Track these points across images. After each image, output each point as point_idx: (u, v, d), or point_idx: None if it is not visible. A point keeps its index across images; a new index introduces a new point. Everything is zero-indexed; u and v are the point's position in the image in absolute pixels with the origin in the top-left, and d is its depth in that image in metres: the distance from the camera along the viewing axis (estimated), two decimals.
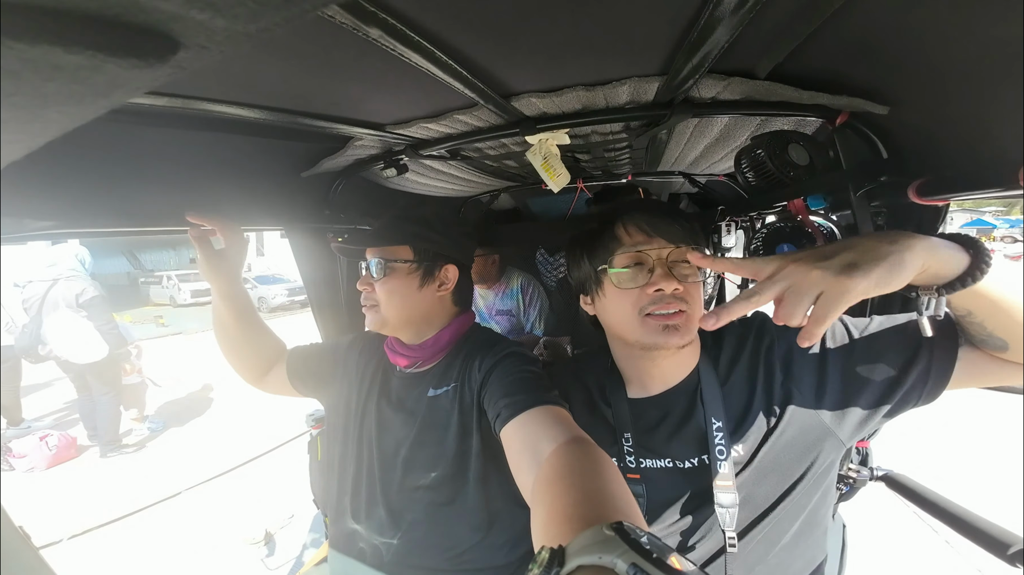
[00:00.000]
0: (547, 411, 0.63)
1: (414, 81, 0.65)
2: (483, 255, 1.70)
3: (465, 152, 1.10)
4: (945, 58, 0.49)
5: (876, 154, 0.73)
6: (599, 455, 0.51)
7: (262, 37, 0.17)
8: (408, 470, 0.81)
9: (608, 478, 0.46)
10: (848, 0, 0.44)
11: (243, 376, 1.00)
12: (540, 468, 0.52)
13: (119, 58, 0.16)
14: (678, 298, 0.65)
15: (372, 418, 0.86)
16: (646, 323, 0.66)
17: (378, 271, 0.81)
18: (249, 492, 3.09)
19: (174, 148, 0.78)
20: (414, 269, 0.82)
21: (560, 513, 0.41)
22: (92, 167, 0.71)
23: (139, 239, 19.55)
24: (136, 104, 0.60)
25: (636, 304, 0.67)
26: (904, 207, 0.74)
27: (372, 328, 0.86)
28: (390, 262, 0.81)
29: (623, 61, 0.63)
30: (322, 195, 1.21)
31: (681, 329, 0.65)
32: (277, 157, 0.97)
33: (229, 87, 0.61)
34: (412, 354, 0.85)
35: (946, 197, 0.59)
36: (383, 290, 0.82)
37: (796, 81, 0.65)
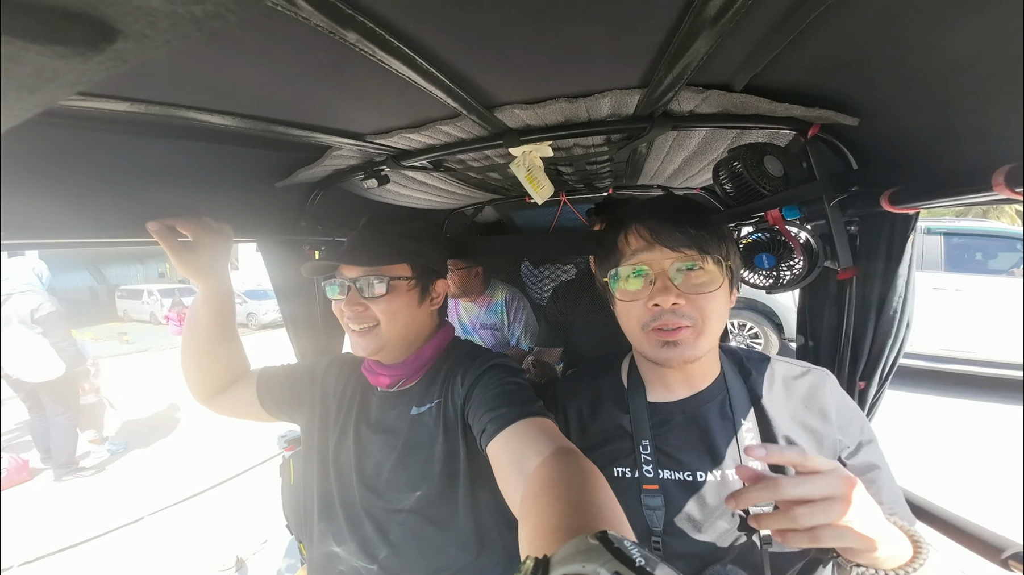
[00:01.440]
0: (532, 424, 0.62)
1: (395, 90, 0.63)
2: (466, 268, 1.68)
3: (448, 163, 1.09)
4: (915, 69, 0.51)
5: (847, 165, 0.75)
6: (586, 465, 0.50)
7: (215, 25, 0.15)
8: (391, 492, 0.77)
9: (595, 488, 0.45)
10: (820, 14, 0.45)
11: (196, 390, 0.90)
12: (526, 482, 0.51)
13: (42, 45, 0.14)
14: (680, 314, 0.61)
15: (350, 441, 0.82)
16: (649, 337, 0.63)
17: (378, 289, 0.77)
18: (219, 517, 2.92)
19: (140, 157, 0.74)
20: (413, 286, 0.80)
21: (546, 525, 0.41)
22: (52, 176, 0.66)
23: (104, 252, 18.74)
24: (97, 109, 0.56)
25: (639, 318, 0.64)
26: (876, 216, 0.76)
27: (366, 353, 0.80)
28: (394, 279, 0.78)
29: (605, 73, 0.63)
30: (298, 206, 1.17)
31: (682, 345, 0.61)
32: (250, 167, 0.93)
33: (199, 93, 0.58)
34: (395, 373, 0.82)
35: (917, 205, 0.61)
36: (386, 310, 0.77)
37: (771, 94, 0.66)
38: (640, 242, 0.64)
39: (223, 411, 0.93)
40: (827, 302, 0.89)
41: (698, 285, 0.61)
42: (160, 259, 25.23)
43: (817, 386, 0.66)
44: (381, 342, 0.78)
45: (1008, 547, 0.63)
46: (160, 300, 13.62)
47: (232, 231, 0.88)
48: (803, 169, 0.78)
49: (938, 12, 0.41)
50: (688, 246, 0.61)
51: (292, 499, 1.15)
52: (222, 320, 0.87)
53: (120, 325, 13.15)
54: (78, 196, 0.72)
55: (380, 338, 0.78)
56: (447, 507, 0.76)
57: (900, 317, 0.77)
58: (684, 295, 0.61)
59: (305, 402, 0.91)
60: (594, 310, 1.62)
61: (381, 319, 0.77)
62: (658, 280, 0.62)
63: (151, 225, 0.78)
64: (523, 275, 2.39)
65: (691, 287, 0.61)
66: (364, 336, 0.78)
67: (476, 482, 0.75)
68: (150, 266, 24.87)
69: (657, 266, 0.62)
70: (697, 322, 0.61)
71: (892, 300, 0.77)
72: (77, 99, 0.52)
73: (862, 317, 0.81)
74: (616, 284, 0.66)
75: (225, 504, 3.09)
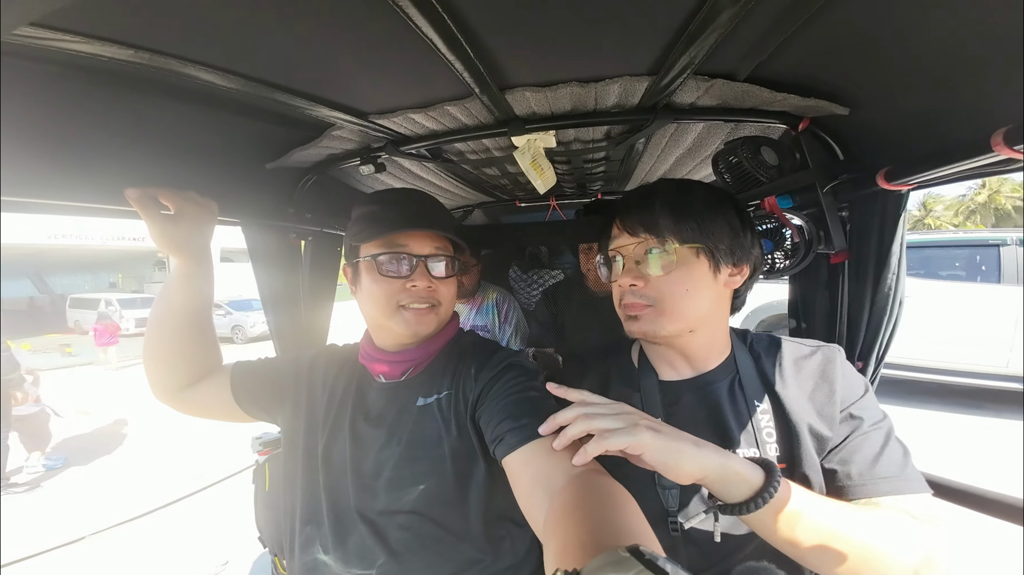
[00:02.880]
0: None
1: (409, 62, 0.62)
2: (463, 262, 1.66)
3: (446, 153, 1.08)
4: (905, 54, 0.55)
5: (834, 156, 0.81)
6: (615, 487, 0.49)
7: None
8: (391, 491, 0.71)
9: (625, 510, 0.45)
10: (827, 3, 0.47)
11: (159, 384, 0.81)
12: (553, 501, 0.49)
13: None
14: (638, 294, 0.66)
15: (345, 438, 0.76)
16: (621, 314, 0.70)
17: (445, 267, 0.75)
18: (171, 537, 2.66)
19: (124, 114, 0.68)
20: (456, 269, 0.79)
21: (575, 543, 0.40)
22: (17, 124, 0.59)
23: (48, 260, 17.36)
24: (76, 52, 0.51)
25: (616, 298, 0.70)
26: (866, 199, 0.81)
27: (425, 332, 0.74)
28: (455, 258, 0.76)
29: (617, 58, 0.65)
30: (287, 191, 1.12)
31: (641, 319, 0.66)
32: (242, 142, 0.89)
33: (196, 42, 0.54)
34: (402, 359, 0.76)
35: (915, 179, 0.65)
36: (449, 289, 0.76)
37: (771, 84, 0.70)
38: (615, 230, 0.70)
39: (190, 409, 0.84)
40: (819, 286, 0.93)
41: (658, 268, 0.65)
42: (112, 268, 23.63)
43: (827, 363, 0.67)
44: (439, 322, 0.76)
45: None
46: (120, 311, 12.62)
47: (217, 209, 0.83)
48: (795, 159, 0.82)
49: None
50: (646, 232, 0.65)
51: (267, 508, 1.05)
52: (198, 304, 0.79)
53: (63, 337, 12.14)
54: (49, 151, 0.65)
55: (439, 319, 0.75)
56: (455, 508, 0.70)
57: (894, 295, 0.81)
58: (642, 277, 0.65)
59: (288, 398, 0.83)
60: (584, 311, 1.63)
61: (443, 299, 0.75)
62: (626, 263, 0.68)
63: (130, 192, 0.72)
64: (511, 280, 2.38)
65: (652, 269, 0.65)
66: (424, 315, 0.73)
67: (488, 480, 0.71)
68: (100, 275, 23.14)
69: (626, 251, 0.68)
70: (657, 302, 0.65)
71: (887, 278, 0.80)
72: (52, 34, 0.47)
73: (857, 297, 0.85)
74: (603, 269, 0.74)
75: (179, 524, 2.83)
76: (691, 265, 0.64)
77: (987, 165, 0.54)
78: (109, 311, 12.60)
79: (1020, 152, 0.47)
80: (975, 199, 26.15)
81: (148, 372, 0.81)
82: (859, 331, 0.87)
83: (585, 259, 1.58)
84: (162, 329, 0.79)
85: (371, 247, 0.73)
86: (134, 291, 18.64)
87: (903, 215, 0.77)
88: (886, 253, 0.81)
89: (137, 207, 0.72)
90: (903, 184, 0.69)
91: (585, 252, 1.58)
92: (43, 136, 0.63)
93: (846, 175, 0.79)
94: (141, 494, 3.20)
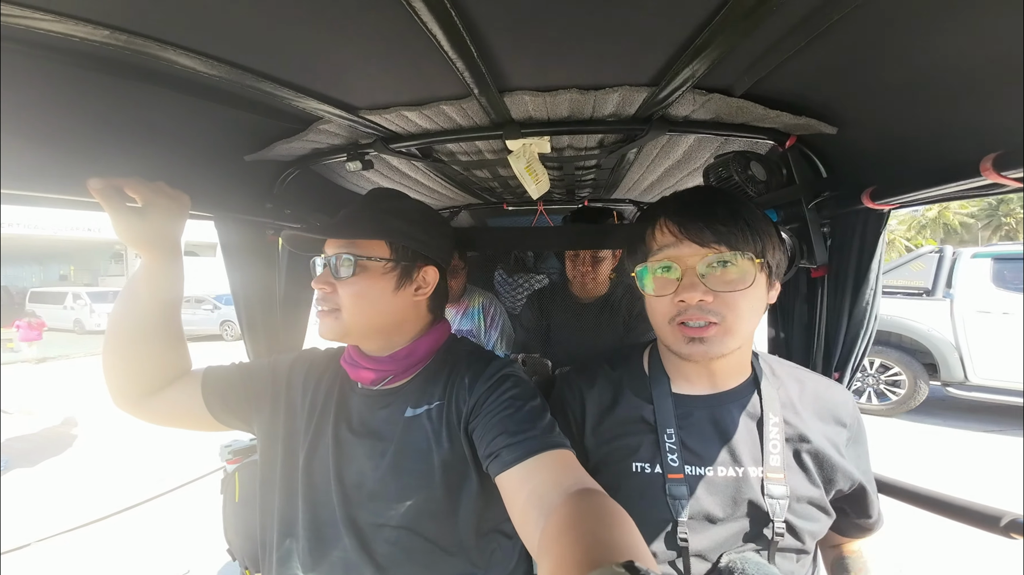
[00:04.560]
0: (555, 457, 0.58)
1: (406, 60, 0.60)
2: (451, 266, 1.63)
3: (437, 153, 1.05)
4: (894, 79, 0.57)
5: (818, 173, 0.84)
6: (612, 505, 0.48)
7: None
8: (378, 503, 0.68)
9: (622, 528, 0.44)
10: (828, 26, 0.49)
11: (121, 391, 0.75)
12: (548, 520, 0.48)
13: None
14: (706, 309, 0.60)
15: (328, 447, 0.72)
16: (675, 332, 0.62)
17: (346, 268, 0.70)
18: (126, 545, 2.50)
19: (89, 98, 0.63)
20: (390, 268, 0.71)
21: (570, 561, 0.39)
22: None
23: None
24: (36, 30, 0.47)
25: (666, 312, 0.63)
26: (848, 217, 0.84)
27: (328, 337, 0.73)
28: (362, 259, 0.70)
29: (619, 67, 0.65)
30: (266, 185, 1.07)
31: (708, 342, 0.60)
32: (219, 132, 0.83)
33: (174, 24, 0.50)
34: (381, 367, 0.73)
35: (900, 199, 0.68)
36: (350, 292, 0.70)
37: (765, 101, 0.71)
38: (668, 237, 0.63)
39: (155, 418, 0.78)
40: (799, 299, 0.96)
41: (727, 282, 0.60)
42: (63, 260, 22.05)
43: (841, 403, 0.70)
44: (342, 328, 0.71)
45: (1005, 515, 0.68)
46: (91, 305, 11.62)
47: (190, 202, 0.77)
48: (782, 175, 0.85)
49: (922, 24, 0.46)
50: (717, 242, 0.60)
51: (238, 519, 0.99)
52: (166, 303, 0.74)
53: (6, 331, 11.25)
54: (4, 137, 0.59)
55: (341, 323, 0.71)
56: (446, 522, 0.68)
57: (871, 309, 0.85)
58: (712, 292, 0.59)
59: (265, 405, 0.78)
60: (570, 316, 1.63)
61: (344, 302, 0.70)
62: (685, 276, 0.61)
63: (93, 183, 0.65)
64: (496, 284, 2.36)
65: (720, 284, 0.60)
66: (323, 318, 0.72)
67: (480, 493, 0.69)
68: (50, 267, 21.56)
69: (684, 262, 0.61)
70: (725, 319, 0.60)
71: (865, 293, 0.84)
72: (21, 11, 0.43)
73: (836, 311, 0.88)
74: (645, 279, 0.65)
75: (134, 532, 2.66)
76: (758, 281, 0.61)
77: (972, 188, 0.56)
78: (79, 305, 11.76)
79: (1009, 178, 0.49)
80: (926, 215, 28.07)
81: (108, 377, 0.74)
82: (837, 343, 0.90)
83: (571, 265, 1.57)
84: (125, 331, 0.73)
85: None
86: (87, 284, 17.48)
87: (883, 233, 0.80)
88: (865, 269, 0.84)
89: (100, 199, 0.66)
90: (887, 204, 0.72)
91: (571, 258, 1.57)
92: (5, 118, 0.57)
93: (829, 192, 0.82)
94: (93, 499, 2.99)
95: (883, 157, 0.73)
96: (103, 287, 13.06)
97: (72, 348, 9.21)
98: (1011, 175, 0.49)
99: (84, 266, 21.59)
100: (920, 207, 4.40)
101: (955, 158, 0.56)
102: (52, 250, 20.12)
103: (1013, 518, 0.66)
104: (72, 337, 11.07)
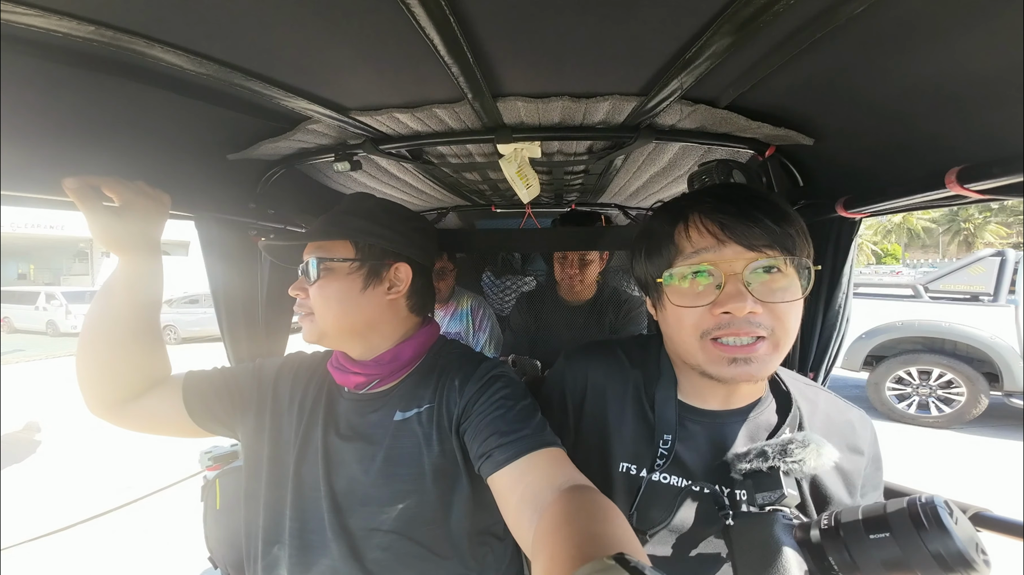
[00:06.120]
0: (547, 455, 0.58)
1: (401, 62, 0.60)
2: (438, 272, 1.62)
3: (427, 155, 1.05)
4: (871, 94, 0.60)
5: (795, 183, 0.88)
6: (604, 502, 0.49)
7: None
8: (368, 508, 0.68)
9: (614, 523, 0.45)
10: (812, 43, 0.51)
11: (96, 396, 0.72)
12: (541, 517, 0.49)
13: None
14: (755, 323, 0.51)
15: (317, 452, 0.71)
16: (709, 351, 0.53)
17: (314, 272, 0.69)
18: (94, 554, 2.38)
19: (64, 94, 0.60)
20: (355, 268, 0.70)
21: (563, 556, 0.40)
22: None
23: None
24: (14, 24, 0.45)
25: (698, 326, 0.53)
26: (823, 224, 0.88)
27: (308, 340, 0.73)
28: (325, 261, 0.70)
29: (611, 77, 0.66)
30: (249, 184, 1.04)
31: (755, 363, 0.51)
32: (202, 129, 0.81)
33: (157, 17, 0.48)
34: (367, 371, 0.72)
35: (872, 208, 0.72)
36: (318, 295, 0.69)
37: (748, 112, 0.74)
38: (707, 238, 0.53)
39: (134, 424, 0.75)
40: None
41: (776, 291, 0.52)
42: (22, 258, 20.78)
43: (859, 428, 0.63)
44: (318, 331, 0.71)
45: (969, 509, 0.72)
46: (67, 306, 10.90)
47: (170, 201, 0.75)
48: (762, 183, 0.88)
49: (896, 45, 0.49)
50: (769, 244, 0.51)
51: (219, 527, 0.97)
52: (144, 307, 0.71)
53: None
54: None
55: (316, 327, 0.71)
56: (438, 526, 0.68)
57: (843, 312, 0.89)
58: (761, 302, 0.51)
59: (251, 411, 0.77)
60: (558, 318, 1.64)
61: (315, 305, 0.70)
62: (728, 283, 0.51)
63: (69, 182, 0.63)
64: (484, 286, 2.36)
65: (768, 293, 0.51)
66: (303, 322, 0.73)
67: (472, 496, 0.69)
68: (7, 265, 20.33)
69: (728, 267, 0.52)
70: (774, 333, 0.52)
71: (838, 297, 0.88)
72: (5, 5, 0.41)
73: (810, 314, 0.92)
74: (671, 287, 0.56)
75: (102, 541, 2.54)
76: (804, 291, 0.53)
77: (938, 199, 0.60)
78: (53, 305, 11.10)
79: (971, 190, 0.52)
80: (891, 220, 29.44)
81: (82, 383, 0.71)
82: (811, 345, 0.94)
83: (559, 268, 1.59)
84: (100, 334, 0.70)
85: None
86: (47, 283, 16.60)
87: (855, 240, 0.84)
88: (838, 274, 0.88)
89: (75, 199, 0.64)
90: (859, 212, 0.75)
91: (559, 261, 1.59)
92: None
93: (805, 200, 0.85)
94: (58, 507, 2.84)
95: (856, 168, 0.77)
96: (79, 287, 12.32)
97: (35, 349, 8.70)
98: (973, 187, 0.52)
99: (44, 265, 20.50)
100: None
101: (922, 170, 0.60)
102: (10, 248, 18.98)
103: (978, 511, 0.70)
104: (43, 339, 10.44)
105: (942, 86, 0.52)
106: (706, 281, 0.53)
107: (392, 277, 0.73)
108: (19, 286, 13.32)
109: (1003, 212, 26.79)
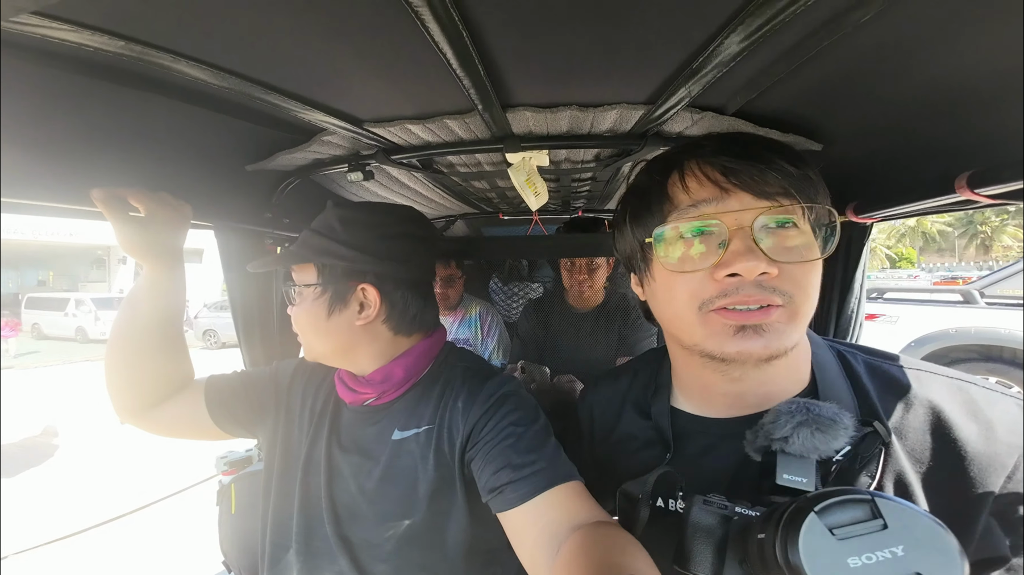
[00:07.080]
0: (563, 492, 0.55)
1: (413, 75, 0.62)
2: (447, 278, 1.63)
3: (437, 165, 1.07)
4: (881, 99, 0.60)
5: None
6: (622, 534, 0.46)
7: None
8: (365, 524, 0.68)
9: (635, 556, 0.43)
10: (820, 50, 0.51)
11: (123, 403, 0.74)
12: (559, 551, 0.48)
13: None
14: (768, 287, 0.41)
15: (320, 461, 0.72)
16: (710, 322, 0.43)
17: (290, 297, 0.72)
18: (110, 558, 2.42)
19: (94, 107, 0.63)
20: (320, 293, 0.67)
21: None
22: None
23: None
24: (48, 38, 0.47)
25: (696, 294, 0.43)
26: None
27: (307, 359, 0.76)
28: (294, 287, 0.71)
29: (619, 87, 0.67)
30: (265, 194, 1.07)
31: (768, 334, 0.41)
32: (222, 141, 0.84)
33: (183, 33, 0.50)
34: (361, 388, 0.71)
35: (881, 213, 0.71)
36: (295, 320, 0.71)
37: (756, 119, 0.75)
38: (708, 187, 0.43)
39: (159, 429, 0.77)
40: None
41: (792, 249, 0.42)
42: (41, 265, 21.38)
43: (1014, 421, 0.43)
44: (312, 354, 0.73)
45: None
46: (96, 312, 11.05)
47: (192, 212, 0.78)
48: None
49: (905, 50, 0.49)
50: (784, 191, 0.41)
51: (234, 531, 0.99)
52: (168, 314, 0.74)
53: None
54: (9, 146, 0.59)
55: (309, 350, 0.73)
56: (432, 548, 0.66)
57: (856, 317, 0.88)
58: (775, 262, 0.41)
59: (268, 414, 0.78)
60: (567, 325, 1.64)
61: (299, 330, 0.72)
62: (734, 240, 0.41)
63: (96, 193, 0.66)
64: (492, 292, 2.37)
65: (782, 252, 0.41)
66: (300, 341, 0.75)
67: (469, 519, 0.67)
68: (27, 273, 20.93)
69: (733, 220, 0.42)
70: (793, 300, 0.41)
71: (850, 302, 0.87)
72: (38, 20, 0.43)
73: (822, 321, 0.90)
74: (663, 247, 0.45)
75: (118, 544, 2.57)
76: (824, 251, 0.44)
77: (948, 203, 0.60)
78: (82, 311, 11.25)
79: (981, 195, 0.52)
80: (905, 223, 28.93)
81: (111, 390, 0.74)
82: None
83: (567, 274, 1.60)
84: (128, 342, 0.73)
85: None
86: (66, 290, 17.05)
87: (867, 244, 0.83)
88: (850, 280, 0.87)
89: (103, 209, 0.67)
90: (870, 217, 0.75)
91: (567, 267, 1.60)
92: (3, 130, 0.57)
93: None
94: (75, 511, 2.89)
95: (865, 173, 0.76)
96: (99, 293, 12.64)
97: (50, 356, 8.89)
98: (983, 192, 0.52)
99: (63, 271, 21.03)
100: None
101: (932, 175, 0.59)
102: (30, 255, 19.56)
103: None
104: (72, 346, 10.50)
105: (951, 90, 0.52)
106: (706, 239, 0.43)
107: (361, 298, 0.67)
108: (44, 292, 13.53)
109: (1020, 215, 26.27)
